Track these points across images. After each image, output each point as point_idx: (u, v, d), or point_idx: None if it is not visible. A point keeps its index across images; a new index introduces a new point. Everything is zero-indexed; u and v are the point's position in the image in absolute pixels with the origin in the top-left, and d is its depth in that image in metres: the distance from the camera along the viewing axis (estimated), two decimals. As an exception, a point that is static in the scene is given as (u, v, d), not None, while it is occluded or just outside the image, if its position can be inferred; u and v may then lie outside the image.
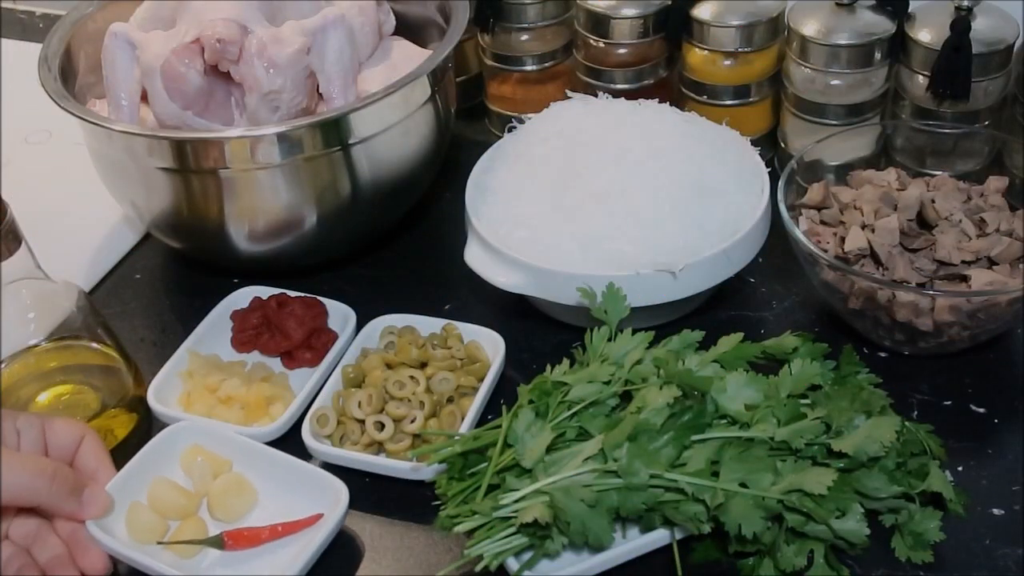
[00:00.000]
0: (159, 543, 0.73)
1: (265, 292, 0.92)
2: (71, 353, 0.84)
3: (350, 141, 0.89)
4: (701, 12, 1.01)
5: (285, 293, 0.91)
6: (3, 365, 0.81)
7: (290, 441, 0.81)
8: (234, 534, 0.74)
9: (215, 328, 0.91)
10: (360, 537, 0.77)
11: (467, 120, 1.17)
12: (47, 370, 0.84)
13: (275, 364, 0.89)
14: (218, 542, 0.74)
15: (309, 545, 0.72)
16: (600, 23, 1.04)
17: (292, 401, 0.83)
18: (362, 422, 0.81)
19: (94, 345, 0.84)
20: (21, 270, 0.79)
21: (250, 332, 0.90)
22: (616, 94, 0.97)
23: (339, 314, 0.90)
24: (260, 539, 0.74)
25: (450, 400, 0.83)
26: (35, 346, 0.82)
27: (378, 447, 0.80)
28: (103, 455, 0.75)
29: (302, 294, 0.91)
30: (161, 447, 0.78)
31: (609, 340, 0.78)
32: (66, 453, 0.74)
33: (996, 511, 0.76)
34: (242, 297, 0.92)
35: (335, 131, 0.88)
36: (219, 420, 0.82)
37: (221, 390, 0.84)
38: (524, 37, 1.10)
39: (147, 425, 0.85)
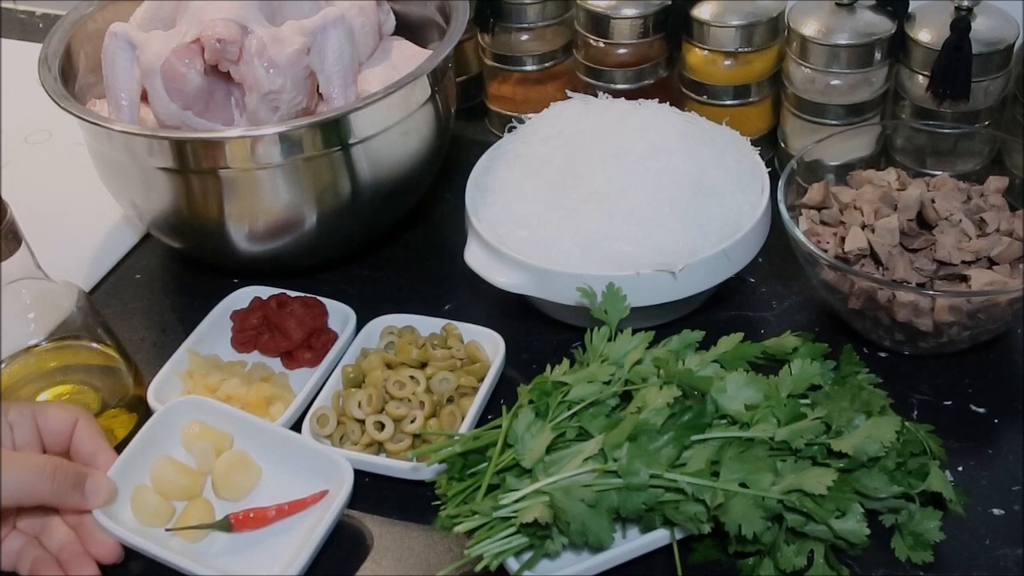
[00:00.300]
0: (167, 530, 0.73)
1: (265, 292, 0.92)
2: (71, 353, 0.84)
3: (350, 141, 0.89)
4: (701, 12, 1.01)
5: (285, 293, 0.91)
6: (3, 365, 0.81)
7: (290, 441, 0.81)
8: (241, 516, 0.74)
9: (215, 328, 0.91)
10: (360, 537, 0.77)
11: (467, 120, 1.17)
12: (47, 370, 0.84)
13: (275, 364, 0.89)
14: (225, 525, 0.74)
15: (319, 524, 0.72)
16: (600, 23, 1.04)
17: (292, 401, 0.83)
18: (362, 422, 0.81)
19: (94, 345, 0.84)
20: (21, 270, 0.79)
21: (250, 332, 0.90)
22: (616, 94, 0.97)
23: (339, 314, 0.90)
24: (267, 519, 0.74)
25: (450, 400, 0.83)
26: (35, 346, 0.82)
27: (378, 447, 0.80)
28: (99, 438, 0.75)
29: (302, 294, 0.91)
30: (161, 424, 0.78)
31: (609, 340, 0.78)
32: (62, 440, 0.74)
33: (996, 511, 0.76)
34: (242, 297, 0.92)
35: (335, 131, 0.88)
36: None
37: (221, 390, 0.84)
38: (524, 37, 1.10)
39: (147, 425, 0.85)
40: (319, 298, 0.90)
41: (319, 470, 0.76)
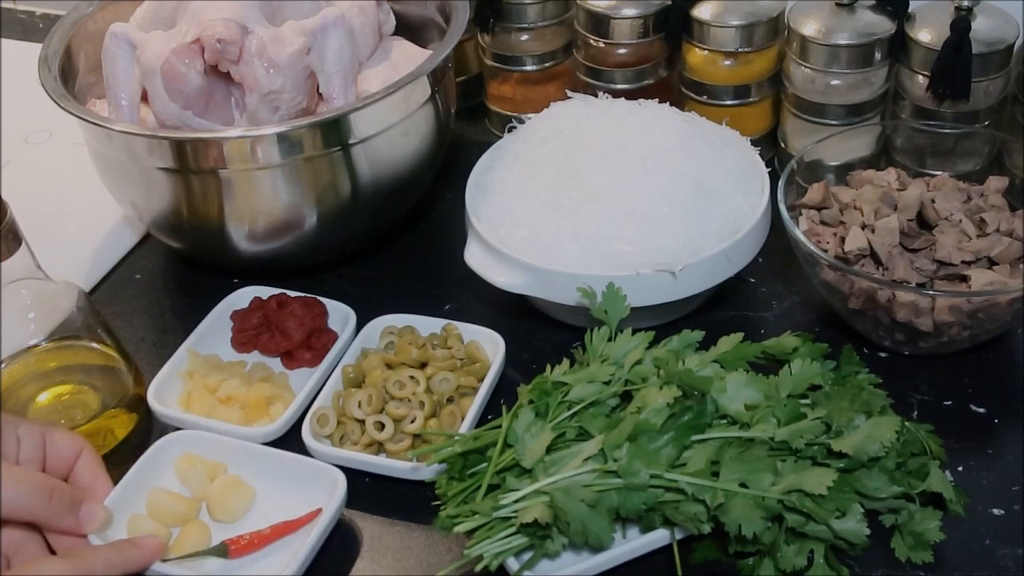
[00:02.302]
0: (163, 560, 0.73)
1: (265, 292, 0.92)
2: (71, 353, 0.84)
3: (350, 141, 0.89)
4: (701, 12, 1.01)
5: (285, 293, 0.91)
6: (3, 365, 0.81)
7: (290, 441, 0.81)
8: (236, 542, 0.74)
9: (215, 328, 0.91)
10: (360, 537, 0.77)
11: (467, 120, 1.17)
12: (47, 370, 0.84)
13: (275, 364, 0.89)
14: (222, 551, 0.74)
15: (307, 539, 0.72)
16: (600, 23, 1.04)
17: (292, 401, 0.83)
18: (362, 422, 0.81)
19: (94, 345, 0.84)
20: (21, 270, 0.79)
21: (250, 332, 0.90)
22: (616, 94, 0.97)
23: (339, 314, 0.90)
24: (262, 542, 0.74)
25: (450, 400, 0.83)
26: (35, 346, 0.82)
27: (378, 447, 0.80)
28: (100, 470, 0.75)
29: (302, 294, 0.91)
30: (154, 460, 0.78)
31: (609, 340, 0.78)
32: (64, 464, 0.74)
33: (996, 511, 0.76)
34: (242, 297, 0.92)
35: (335, 131, 0.88)
36: (219, 420, 0.82)
37: (221, 390, 0.84)
38: (524, 37, 1.10)
39: (147, 425, 0.85)
40: (319, 298, 0.90)
41: (313, 482, 0.76)
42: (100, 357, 0.85)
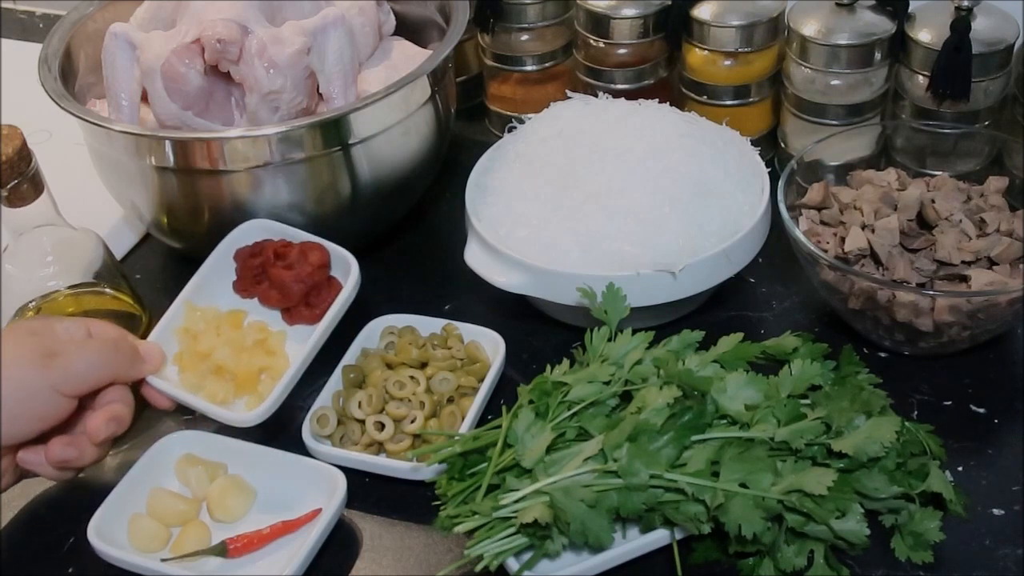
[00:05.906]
0: (163, 560, 0.73)
1: (276, 232, 0.88)
2: (89, 298, 0.86)
3: (350, 141, 0.89)
4: (701, 12, 1.01)
5: (287, 240, 0.87)
6: (25, 309, 0.83)
7: (290, 441, 0.81)
8: (236, 540, 0.74)
9: (216, 274, 0.88)
10: (360, 537, 0.77)
11: (467, 120, 1.17)
12: (65, 314, 0.85)
13: (274, 319, 0.87)
14: (221, 550, 0.74)
15: (307, 539, 0.73)
16: (600, 23, 1.04)
17: (285, 372, 0.80)
18: (362, 422, 0.81)
19: (111, 291, 0.87)
20: (42, 216, 0.81)
21: (251, 279, 0.87)
22: (616, 94, 0.97)
23: (340, 261, 0.87)
24: (262, 542, 0.74)
25: (450, 400, 0.83)
26: (55, 291, 0.83)
27: (378, 447, 0.80)
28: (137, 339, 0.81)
29: (308, 237, 0.87)
30: (154, 460, 0.78)
31: (609, 340, 0.78)
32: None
33: (996, 511, 0.76)
34: (247, 234, 0.88)
35: (335, 131, 0.88)
36: (208, 393, 0.81)
37: (212, 359, 0.82)
38: (524, 37, 1.10)
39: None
40: (322, 243, 0.87)
41: (313, 482, 0.76)
42: (116, 303, 0.87)
